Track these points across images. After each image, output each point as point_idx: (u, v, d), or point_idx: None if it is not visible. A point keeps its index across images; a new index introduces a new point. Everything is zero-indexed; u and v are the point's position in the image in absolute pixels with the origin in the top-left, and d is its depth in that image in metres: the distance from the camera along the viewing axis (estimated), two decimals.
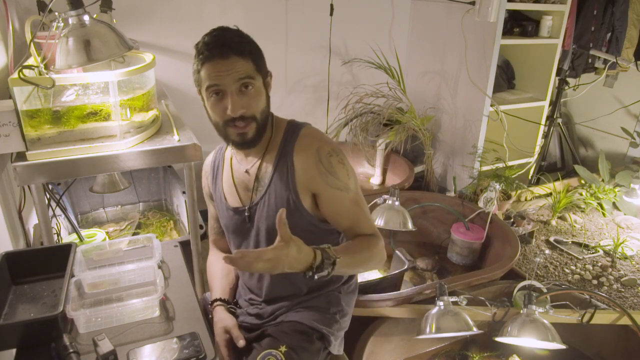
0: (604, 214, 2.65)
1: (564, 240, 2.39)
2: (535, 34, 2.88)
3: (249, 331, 1.32)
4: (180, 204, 2.18)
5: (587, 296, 1.85)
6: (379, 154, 2.91)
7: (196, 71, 1.15)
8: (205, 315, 1.20)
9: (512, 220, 2.45)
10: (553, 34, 2.87)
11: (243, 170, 1.28)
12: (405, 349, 1.84)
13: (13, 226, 1.46)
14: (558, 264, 2.21)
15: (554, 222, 2.55)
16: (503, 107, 2.83)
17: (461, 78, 2.85)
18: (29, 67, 1.24)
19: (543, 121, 3.06)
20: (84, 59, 1.25)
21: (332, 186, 1.20)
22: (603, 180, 2.79)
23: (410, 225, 2.00)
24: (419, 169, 2.95)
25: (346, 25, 2.92)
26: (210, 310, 1.33)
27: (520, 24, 2.87)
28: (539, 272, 2.13)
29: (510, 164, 2.76)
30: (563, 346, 1.54)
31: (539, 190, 2.82)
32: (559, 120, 3.11)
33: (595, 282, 2.09)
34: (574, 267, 2.18)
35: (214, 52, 1.10)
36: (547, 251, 2.30)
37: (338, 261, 1.07)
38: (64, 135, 1.32)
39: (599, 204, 2.68)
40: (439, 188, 3.04)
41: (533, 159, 3.12)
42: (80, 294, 1.17)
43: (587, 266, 2.19)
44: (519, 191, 2.71)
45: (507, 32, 2.81)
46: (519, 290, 1.83)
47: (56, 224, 1.81)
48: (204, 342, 1.06)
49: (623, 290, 2.04)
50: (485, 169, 2.73)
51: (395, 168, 2.96)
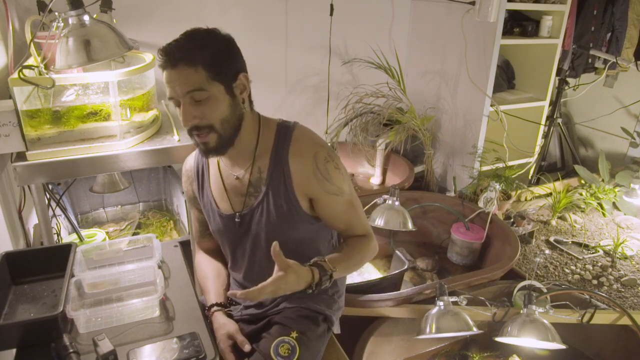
0: (604, 214, 2.65)
1: (564, 240, 2.39)
2: (535, 34, 2.88)
3: (251, 323, 1.31)
4: (180, 204, 2.18)
5: (587, 296, 1.85)
6: (379, 154, 2.91)
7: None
8: (205, 315, 1.20)
9: (512, 220, 2.45)
10: (553, 34, 2.87)
11: (234, 176, 1.26)
12: (405, 349, 1.84)
13: (13, 226, 1.46)
14: (558, 264, 2.21)
15: (554, 222, 2.55)
16: (503, 107, 2.83)
17: (461, 78, 2.85)
18: (29, 67, 1.24)
19: (543, 121, 3.06)
20: (84, 59, 1.25)
21: (328, 192, 1.21)
22: (603, 180, 2.79)
23: (410, 225, 2.00)
24: (419, 169, 2.95)
25: (346, 25, 2.91)
26: (208, 316, 1.30)
27: (520, 24, 2.87)
28: (539, 272, 2.13)
29: (510, 164, 2.76)
30: (563, 346, 1.54)
31: (539, 190, 2.82)
32: (559, 120, 3.11)
33: (595, 282, 2.09)
34: (574, 267, 2.18)
35: (163, 60, 1.07)
36: (547, 251, 2.30)
37: (335, 273, 1.13)
38: (64, 135, 1.32)
39: (599, 204, 2.68)
40: (439, 188, 3.04)
41: (533, 159, 3.12)
42: (80, 294, 1.18)
43: (587, 266, 2.19)
44: (519, 191, 2.71)
45: (507, 32, 2.81)
46: (519, 290, 1.83)
47: (56, 224, 1.81)
48: (204, 342, 1.06)
49: (623, 290, 2.04)
50: (485, 169, 2.73)
51: (395, 168, 2.96)
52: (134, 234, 2.22)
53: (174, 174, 2.35)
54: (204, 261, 1.44)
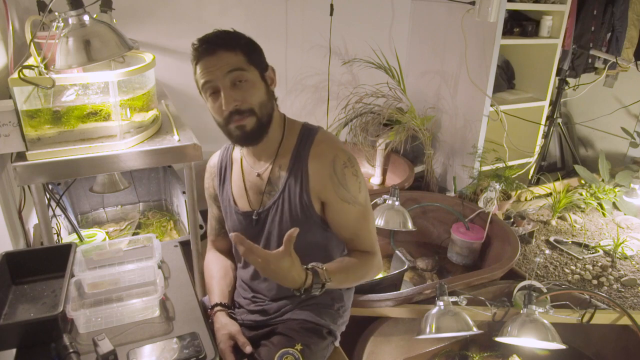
0: (604, 214, 2.65)
1: (564, 240, 2.39)
2: (535, 34, 2.88)
3: (252, 329, 1.31)
4: (180, 204, 2.18)
5: (587, 296, 1.85)
6: (379, 154, 2.91)
7: (194, 75, 1.16)
8: (205, 315, 1.20)
9: (512, 220, 2.45)
10: (553, 34, 2.87)
11: (255, 173, 1.27)
12: (405, 349, 1.84)
13: (13, 226, 1.46)
14: (558, 264, 2.21)
15: (554, 222, 2.55)
16: (503, 107, 2.83)
17: (461, 78, 2.85)
18: (29, 67, 1.24)
19: (543, 121, 3.06)
20: (84, 59, 1.25)
21: (341, 198, 1.20)
22: (603, 180, 2.79)
23: (410, 225, 2.01)
24: (419, 169, 2.95)
25: (346, 25, 2.92)
26: (210, 315, 1.30)
27: (520, 24, 2.87)
28: (539, 272, 2.13)
29: (510, 164, 2.76)
30: (563, 346, 1.54)
31: (539, 190, 2.82)
32: (559, 120, 3.12)
33: (595, 282, 2.09)
34: (574, 267, 2.18)
35: (200, 50, 1.12)
36: (547, 251, 2.30)
37: (328, 284, 1.09)
38: (64, 135, 1.32)
39: (599, 204, 2.68)
40: (439, 188, 3.04)
41: (533, 159, 3.12)
42: (80, 294, 1.17)
43: (587, 266, 2.19)
44: (519, 191, 2.71)
45: (507, 32, 2.81)
46: (519, 290, 1.83)
47: (56, 224, 1.81)
48: (204, 342, 1.06)
49: (623, 290, 2.04)
50: (485, 169, 2.73)
51: (395, 168, 2.96)
52: (134, 234, 2.22)
53: (174, 174, 2.35)
54: (213, 260, 1.44)
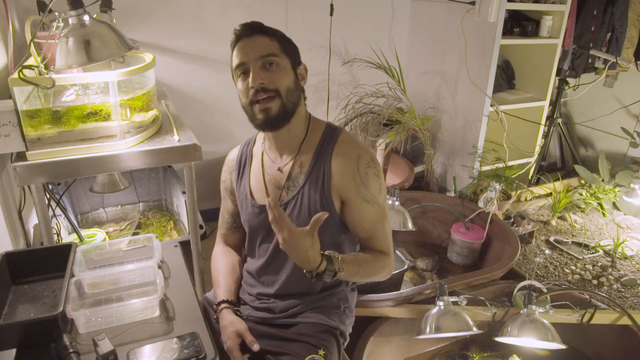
0: (604, 214, 2.65)
1: (564, 240, 2.39)
2: (535, 34, 2.88)
3: (257, 323, 1.31)
4: (180, 204, 2.18)
5: (587, 296, 1.85)
6: (379, 154, 2.91)
7: (230, 60, 1.21)
8: (205, 315, 1.20)
9: (512, 220, 2.45)
10: (553, 34, 2.87)
11: (276, 167, 1.28)
12: (405, 349, 1.84)
13: (13, 226, 1.46)
14: (558, 264, 2.21)
15: (554, 222, 2.55)
16: (503, 107, 2.83)
17: (461, 78, 2.85)
18: (29, 67, 1.24)
19: (543, 121, 3.06)
20: (84, 59, 1.25)
21: (362, 197, 1.22)
22: (603, 180, 2.79)
23: (410, 225, 2.00)
24: (419, 169, 2.95)
25: (346, 25, 2.92)
26: (217, 312, 1.29)
27: (520, 24, 2.87)
28: (539, 272, 2.13)
29: (510, 164, 2.76)
30: (563, 346, 1.54)
31: (539, 190, 2.82)
32: (559, 120, 3.12)
33: (595, 282, 2.09)
34: (574, 267, 2.18)
35: (240, 32, 1.18)
36: (547, 251, 2.30)
37: (340, 274, 1.12)
38: (64, 135, 1.32)
39: (599, 204, 2.68)
40: (439, 188, 3.04)
41: (533, 159, 3.12)
42: (80, 294, 1.17)
43: (587, 266, 2.19)
44: (519, 191, 2.71)
45: (507, 32, 2.81)
46: (519, 290, 1.83)
47: (56, 224, 1.81)
48: (204, 342, 1.06)
49: (623, 290, 2.04)
50: (485, 169, 2.73)
51: (395, 168, 2.96)
52: (134, 234, 2.22)
53: (174, 174, 2.35)
54: (222, 254, 1.44)
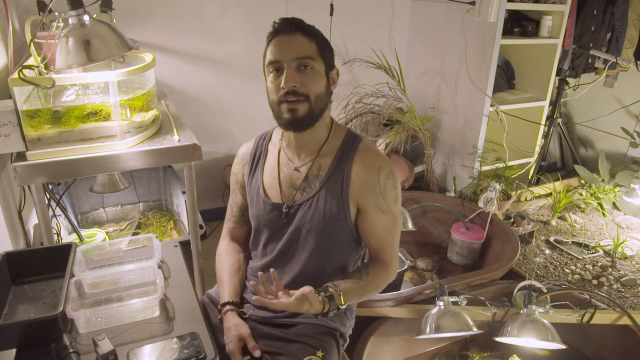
0: (604, 214, 2.65)
1: (564, 240, 2.39)
2: (535, 34, 2.88)
3: (259, 323, 1.31)
4: (180, 204, 2.18)
5: (587, 296, 1.85)
6: None
7: (264, 52, 1.20)
8: (205, 315, 1.20)
9: (512, 220, 2.45)
10: (553, 34, 2.87)
11: (293, 167, 1.28)
12: (405, 349, 1.84)
13: (13, 226, 1.46)
14: (558, 264, 2.21)
15: (554, 222, 2.55)
16: (503, 107, 2.83)
17: (461, 78, 2.85)
18: (29, 67, 1.24)
19: (543, 121, 3.06)
20: (84, 59, 1.25)
21: (378, 207, 1.23)
22: (603, 180, 2.79)
23: (410, 225, 2.00)
24: (419, 169, 2.95)
25: (346, 25, 2.92)
26: (221, 312, 1.29)
27: (520, 24, 2.87)
28: (539, 272, 2.13)
29: (510, 164, 2.76)
30: (563, 346, 1.54)
31: (539, 190, 2.82)
32: (559, 120, 3.12)
33: (595, 282, 2.09)
34: (574, 267, 2.18)
35: (281, 26, 1.17)
36: (547, 251, 2.30)
37: (342, 307, 1.18)
38: (64, 135, 1.32)
39: (599, 204, 2.68)
40: (439, 188, 3.04)
41: (533, 159, 3.12)
42: (80, 294, 1.17)
43: (587, 266, 2.19)
44: (519, 191, 2.71)
45: (507, 32, 2.81)
46: (519, 290, 1.83)
47: (56, 224, 1.81)
48: (204, 342, 1.06)
49: (623, 290, 2.04)
50: (485, 169, 2.73)
51: (395, 168, 2.95)
52: (134, 234, 2.22)
53: (174, 174, 2.35)
54: (228, 250, 1.42)
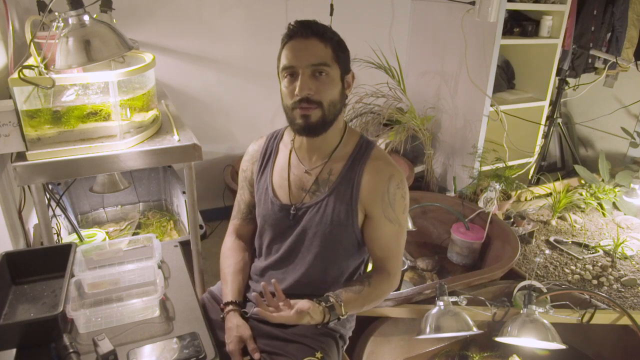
0: (604, 214, 2.65)
1: (564, 240, 2.39)
2: (535, 34, 2.88)
3: (260, 322, 1.30)
4: (180, 204, 2.18)
5: (587, 296, 1.85)
6: None
7: (278, 54, 1.19)
8: (205, 315, 1.20)
9: (512, 220, 2.45)
10: (553, 34, 2.87)
11: (303, 169, 1.28)
12: (405, 349, 1.84)
13: (13, 226, 1.46)
14: (558, 264, 2.21)
15: (554, 222, 2.55)
16: (503, 107, 2.83)
17: (461, 78, 2.85)
18: (29, 67, 1.24)
19: (543, 121, 3.06)
20: (84, 59, 1.25)
21: (386, 216, 1.23)
22: (603, 180, 2.79)
23: (410, 225, 2.00)
24: (419, 169, 2.95)
25: (346, 25, 2.91)
26: (223, 312, 1.29)
27: (520, 24, 2.87)
28: (539, 272, 2.13)
29: (510, 164, 2.76)
30: (563, 346, 1.54)
31: (539, 190, 2.82)
32: (559, 120, 3.12)
33: (595, 282, 2.09)
34: (574, 267, 2.18)
35: (296, 30, 1.15)
36: (547, 251, 2.30)
37: (342, 318, 1.18)
38: (64, 135, 1.32)
39: (599, 204, 2.68)
40: (439, 188, 3.04)
41: (533, 159, 3.12)
42: (80, 294, 1.17)
43: (587, 266, 2.19)
44: (519, 191, 2.71)
45: (507, 32, 2.81)
46: (519, 290, 1.83)
47: (56, 224, 1.81)
48: (204, 342, 1.06)
49: (623, 290, 2.04)
50: (485, 169, 2.73)
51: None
52: (134, 234, 2.22)
53: (174, 174, 2.35)
54: (233, 248, 1.41)
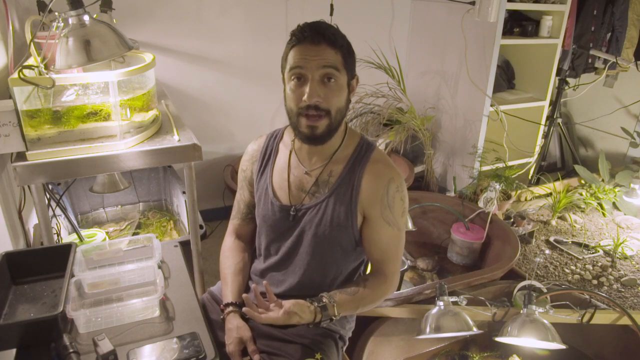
0: (604, 214, 2.65)
1: (564, 240, 2.39)
2: (535, 34, 2.88)
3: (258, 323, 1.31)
4: (180, 204, 2.18)
5: (587, 296, 1.85)
6: None
7: (284, 54, 1.17)
8: (205, 314, 1.20)
9: (512, 220, 2.45)
10: (553, 34, 2.87)
11: (303, 170, 1.27)
12: (405, 349, 1.84)
13: (13, 226, 1.46)
14: (558, 264, 2.21)
15: (554, 222, 2.55)
16: (503, 107, 2.83)
17: (461, 78, 2.85)
18: (29, 67, 1.24)
19: (543, 121, 3.06)
20: (84, 59, 1.25)
21: (384, 219, 1.23)
22: (603, 180, 2.79)
23: (410, 225, 2.00)
24: (419, 169, 2.95)
25: (346, 25, 2.89)
26: (223, 313, 1.28)
27: (520, 24, 2.87)
28: (539, 272, 2.13)
29: (510, 164, 2.76)
30: (563, 346, 1.54)
31: (539, 190, 2.82)
32: (559, 120, 3.12)
33: (595, 282, 2.09)
34: (574, 267, 2.18)
35: (306, 35, 1.12)
36: (547, 251, 2.30)
37: (335, 319, 1.18)
38: (64, 135, 1.32)
39: (599, 204, 2.68)
40: (439, 188, 3.04)
41: (533, 159, 3.12)
42: (80, 294, 1.17)
43: (587, 266, 2.19)
44: (519, 191, 2.71)
45: (507, 32, 2.81)
46: (519, 290, 1.83)
47: (56, 224, 1.81)
48: (204, 342, 1.06)
49: (623, 290, 2.04)
50: (485, 169, 2.73)
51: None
52: (134, 234, 2.22)
53: (174, 174, 2.35)
54: (233, 249, 1.41)
